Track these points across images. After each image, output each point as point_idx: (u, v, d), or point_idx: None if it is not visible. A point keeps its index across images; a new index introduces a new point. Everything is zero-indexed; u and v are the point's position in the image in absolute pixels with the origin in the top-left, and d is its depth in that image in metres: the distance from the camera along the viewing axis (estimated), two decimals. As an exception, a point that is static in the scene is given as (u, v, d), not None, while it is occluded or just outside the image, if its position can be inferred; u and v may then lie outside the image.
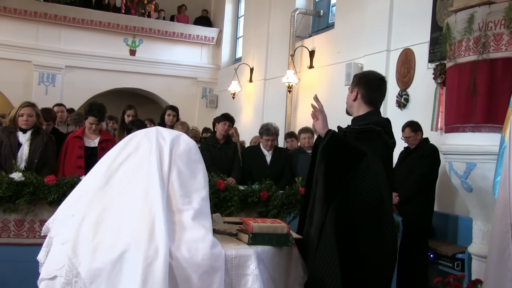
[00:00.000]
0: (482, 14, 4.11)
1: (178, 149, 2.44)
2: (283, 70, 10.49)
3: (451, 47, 4.44)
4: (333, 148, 2.88)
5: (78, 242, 2.20)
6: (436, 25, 6.56)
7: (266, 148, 6.27)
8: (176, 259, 2.14)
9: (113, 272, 2.13)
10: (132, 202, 2.26)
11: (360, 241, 2.77)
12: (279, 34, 11.14)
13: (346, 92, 8.20)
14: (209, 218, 2.32)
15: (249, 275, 2.25)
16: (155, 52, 14.11)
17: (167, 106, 6.65)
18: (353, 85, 3.34)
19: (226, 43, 14.74)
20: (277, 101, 10.88)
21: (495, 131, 4.02)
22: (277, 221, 2.54)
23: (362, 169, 2.82)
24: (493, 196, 3.91)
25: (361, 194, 2.80)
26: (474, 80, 4.15)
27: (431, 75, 6.49)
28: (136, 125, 5.83)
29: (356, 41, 8.42)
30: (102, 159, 2.49)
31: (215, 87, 14.85)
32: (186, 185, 2.35)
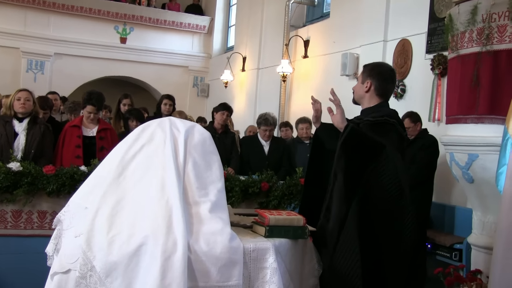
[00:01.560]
0: (486, 6, 4.10)
1: (192, 140, 2.41)
2: (277, 60, 10.45)
3: (454, 38, 4.42)
4: (353, 142, 2.86)
5: (93, 235, 2.16)
6: (434, 16, 6.55)
7: (264, 138, 6.24)
8: (194, 252, 2.12)
9: (130, 266, 2.10)
10: (148, 194, 2.22)
11: (381, 233, 2.78)
12: (273, 23, 11.08)
13: (342, 82, 8.34)
14: (226, 211, 2.30)
15: (268, 268, 2.23)
16: (146, 40, 13.98)
17: (163, 95, 6.58)
18: (364, 76, 3.32)
19: (217, 31, 14.64)
20: (270, 91, 10.84)
21: (498, 122, 4.03)
22: (293, 213, 2.52)
23: (381, 161, 2.82)
24: (495, 187, 3.94)
25: (382, 186, 2.81)
26: (477, 71, 4.15)
27: (429, 66, 6.49)
28: (133, 114, 5.79)
29: (352, 31, 8.39)
30: (115, 149, 2.45)
31: (207, 76, 14.77)
32: (202, 176, 2.32)
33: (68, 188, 4.32)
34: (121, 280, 2.10)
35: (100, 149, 4.98)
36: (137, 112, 5.85)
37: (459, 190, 5.73)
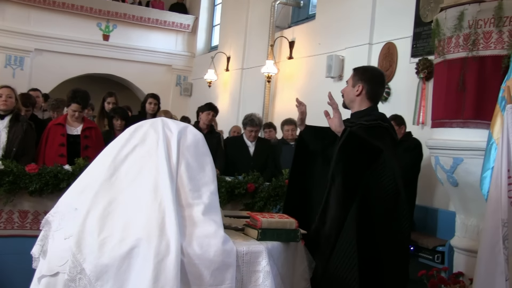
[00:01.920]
0: (472, 12, 4.16)
1: (185, 141, 2.39)
2: (261, 60, 10.45)
3: (440, 43, 4.47)
4: (352, 146, 2.87)
5: (83, 237, 2.13)
6: (420, 21, 6.61)
7: (249, 139, 6.23)
8: (187, 255, 2.10)
9: (122, 268, 2.08)
10: (140, 195, 2.20)
11: (380, 232, 2.81)
12: (258, 23, 11.07)
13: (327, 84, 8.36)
14: (219, 213, 2.28)
15: (261, 271, 2.22)
16: (129, 38, 13.86)
17: (148, 94, 6.54)
18: (355, 80, 3.33)
19: (201, 30, 14.59)
20: (254, 91, 10.83)
21: (483, 127, 4.09)
22: (285, 216, 2.51)
23: (379, 165, 2.83)
24: (479, 190, 3.99)
25: (380, 187, 2.84)
26: (463, 76, 4.20)
27: (414, 70, 6.54)
28: (118, 113, 5.74)
29: (337, 33, 8.42)
30: (106, 150, 2.42)
31: (190, 75, 14.71)
32: (195, 178, 2.30)
33: (51, 188, 4.27)
34: (112, 283, 2.08)
35: (85, 148, 4.92)
36: (122, 110, 5.80)
37: (442, 192, 5.79)
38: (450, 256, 5.16)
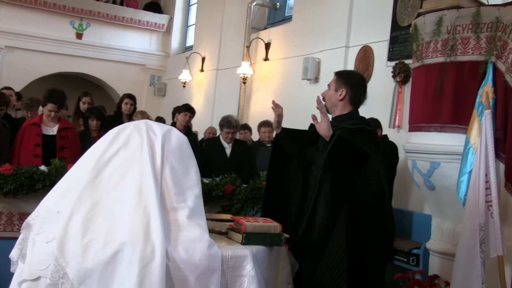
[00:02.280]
0: (451, 18, 4.20)
1: (170, 144, 2.36)
2: (236, 61, 10.43)
3: (419, 48, 4.51)
4: (340, 151, 2.87)
5: (66, 241, 2.08)
6: (396, 25, 6.68)
7: (226, 140, 6.21)
8: (173, 260, 2.07)
9: (105, 273, 2.03)
10: (125, 199, 2.16)
11: (368, 238, 2.86)
12: (234, 24, 11.06)
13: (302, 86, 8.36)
14: (204, 217, 2.26)
15: (245, 276, 2.21)
16: (103, 37, 13.70)
17: (125, 95, 6.46)
18: (338, 84, 3.34)
19: (176, 30, 14.51)
20: (229, 92, 10.81)
21: (460, 131, 4.13)
22: (268, 220, 2.50)
23: (367, 170, 2.85)
24: (455, 194, 4.05)
25: (368, 192, 2.88)
26: (441, 81, 4.24)
27: (390, 73, 6.61)
28: (94, 113, 5.66)
29: (314, 36, 8.46)
30: (88, 152, 2.37)
31: (164, 75, 14.61)
32: (179, 182, 2.27)
33: (27, 189, 4.18)
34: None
35: (61, 149, 4.84)
36: (98, 111, 5.72)
37: (418, 196, 5.85)
38: (425, 258, 5.22)
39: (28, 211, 4.17)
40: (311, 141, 3.53)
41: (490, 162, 3.62)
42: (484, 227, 3.57)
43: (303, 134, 3.57)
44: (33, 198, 4.18)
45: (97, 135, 5.60)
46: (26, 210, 4.17)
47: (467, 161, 3.95)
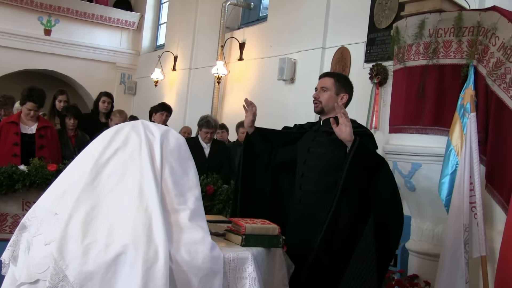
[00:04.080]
0: (433, 21, 4.26)
1: (168, 145, 2.32)
2: (210, 61, 10.38)
3: (400, 50, 4.56)
4: (362, 156, 2.91)
5: (65, 243, 2.02)
6: (374, 27, 6.74)
7: (205, 140, 6.17)
8: (176, 262, 2.03)
9: (107, 276, 1.99)
10: (125, 200, 2.11)
11: (392, 240, 3.03)
12: (207, 23, 11.00)
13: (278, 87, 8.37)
14: (204, 219, 2.23)
15: (247, 278, 2.19)
16: (72, 34, 13.46)
17: (102, 93, 6.35)
18: (338, 87, 3.42)
19: (147, 29, 14.37)
20: (202, 92, 10.75)
21: (442, 134, 4.20)
22: (266, 221, 2.49)
23: (384, 172, 2.96)
24: (436, 195, 4.11)
25: (387, 194, 2.97)
26: (423, 83, 4.30)
27: (367, 75, 6.66)
28: (71, 112, 5.56)
29: (289, 36, 8.48)
30: (86, 153, 2.31)
31: (134, 73, 14.45)
32: (179, 183, 2.24)
33: (6, 189, 4.07)
34: (96, 291, 1.99)
35: (40, 148, 4.73)
36: (75, 109, 5.62)
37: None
38: (403, 258, 5.28)
39: (6, 212, 4.08)
40: (282, 142, 3.54)
41: (475, 165, 3.69)
42: (468, 228, 3.64)
43: (275, 134, 3.58)
44: (11, 199, 4.09)
45: (74, 134, 5.50)
46: (5, 211, 4.07)
47: (448, 163, 4.02)
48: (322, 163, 3.26)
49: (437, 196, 4.07)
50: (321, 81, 3.48)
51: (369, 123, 6.52)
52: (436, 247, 4.23)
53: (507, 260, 3.24)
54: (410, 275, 4.58)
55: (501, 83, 3.86)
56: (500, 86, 3.87)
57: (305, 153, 3.37)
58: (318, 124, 3.49)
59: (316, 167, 3.27)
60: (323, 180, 3.23)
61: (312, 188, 3.27)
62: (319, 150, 3.31)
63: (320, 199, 3.19)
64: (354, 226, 2.85)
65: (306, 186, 3.29)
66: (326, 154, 3.26)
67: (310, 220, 3.22)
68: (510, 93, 3.80)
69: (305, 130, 3.53)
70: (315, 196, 3.24)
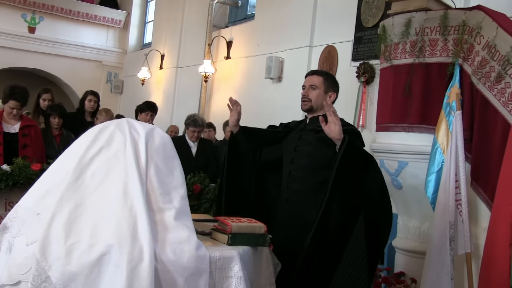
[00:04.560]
0: (420, 20, 4.27)
1: (153, 143, 2.30)
2: (197, 59, 10.35)
3: (387, 49, 4.57)
4: (352, 154, 2.91)
5: (48, 243, 1.99)
6: (361, 25, 6.75)
7: (192, 139, 6.14)
8: (161, 262, 2.01)
9: (91, 276, 1.96)
10: (109, 199, 2.09)
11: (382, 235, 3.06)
12: (194, 22, 10.97)
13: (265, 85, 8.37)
14: (190, 218, 2.21)
15: (233, 277, 2.17)
16: (57, 32, 13.34)
17: (88, 91, 6.30)
18: (327, 86, 3.43)
19: (134, 27, 14.30)
20: (190, 91, 10.72)
21: (428, 132, 4.21)
22: (253, 220, 2.48)
23: (373, 170, 2.98)
24: (422, 193, 4.13)
25: (375, 191, 2.99)
26: (410, 82, 4.31)
27: (354, 73, 6.68)
28: (56, 110, 5.50)
29: (277, 35, 8.47)
30: (69, 151, 2.28)
31: (121, 72, 14.37)
32: (164, 182, 2.22)
33: (-11, 189, 4.02)
34: (80, 292, 1.96)
35: (23, 147, 4.66)
36: (60, 108, 5.56)
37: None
38: (390, 256, 5.29)
39: (-10, 212, 4.03)
40: (268, 141, 3.53)
41: (460, 162, 3.71)
42: (453, 225, 3.66)
43: (260, 133, 3.57)
44: (-6, 199, 4.04)
45: (59, 133, 5.45)
46: (-12, 211, 4.02)
47: (434, 161, 4.04)
48: (309, 161, 3.25)
49: (424, 194, 4.08)
50: (309, 79, 3.46)
51: (356, 121, 6.53)
52: (423, 244, 4.24)
53: (491, 257, 3.26)
54: (397, 273, 4.59)
55: (486, 82, 3.88)
56: (485, 84, 3.89)
57: (292, 152, 3.36)
58: (305, 122, 3.48)
59: (304, 165, 3.26)
60: (311, 179, 3.22)
61: (299, 187, 3.26)
62: (306, 148, 3.30)
63: (308, 198, 3.18)
64: (344, 224, 2.84)
65: (294, 185, 3.27)
66: (313, 152, 3.25)
67: (297, 219, 3.21)
68: (494, 91, 3.82)
69: (291, 129, 3.52)
70: (302, 195, 3.23)
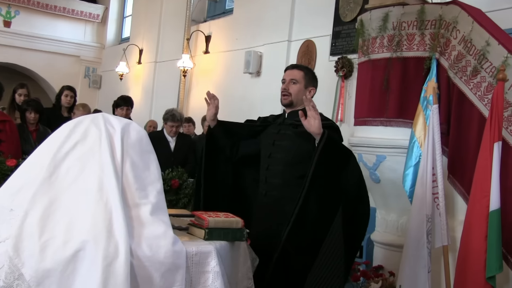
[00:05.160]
0: (397, 14, 4.29)
1: (129, 138, 2.27)
2: (176, 54, 10.29)
3: (365, 43, 4.58)
4: (331, 149, 2.91)
5: (21, 240, 1.96)
6: (339, 20, 6.77)
7: (170, 134, 6.12)
8: (137, 257, 1.99)
9: (66, 273, 1.93)
10: (84, 195, 2.06)
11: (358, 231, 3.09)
12: (173, 16, 10.89)
13: (244, 80, 8.37)
14: (166, 213, 2.20)
15: (210, 272, 2.16)
16: (34, 26, 13.15)
17: (64, 86, 6.23)
18: (307, 81, 3.42)
19: (112, 21, 14.16)
20: (169, 85, 10.66)
21: (406, 126, 4.24)
22: (230, 215, 2.47)
23: (351, 164, 2.99)
24: (400, 187, 4.16)
25: (355, 187, 3.01)
26: (387, 76, 4.33)
27: (332, 68, 6.69)
28: (32, 106, 5.43)
29: (255, 29, 8.46)
30: (43, 147, 2.24)
31: (99, 66, 14.22)
32: (140, 177, 2.20)
33: (-36, 186, 3.93)
34: (54, 289, 1.93)
35: (-2, 143, 4.59)
36: (36, 103, 5.48)
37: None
38: (369, 250, 5.33)
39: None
40: (245, 135, 3.52)
41: (437, 156, 3.74)
42: (431, 218, 3.69)
43: (237, 128, 3.56)
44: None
45: (36, 128, 5.37)
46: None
47: (412, 154, 4.07)
48: (288, 156, 3.25)
49: (402, 187, 4.11)
50: (290, 72, 3.43)
51: (335, 115, 6.56)
52: (401, 238, 4.27)
53: (467, 249, 3.30)
54: (375, 266, 4.62)
55: (462, 76, 3.92)
56: (461, 78, 3.93)
57: (270, 146, 3.36)
58: (283, 116, 3.47)
59: (282, 160, 3.26)
60: (289, 173, 3.22)
61: (278, 181, 3.26)
62: (285, 143, 3.29)
63: (286, 192, 3.19)
64: (322, 218, 2.85)
65: (272, 179, 3.27)
66: (292, 146, 3.25)
67: (276, 213, 3.21)
68: (470, 85, 3.86)
69: (269, 123, 3.51)
70: (281, 189, 3.23)
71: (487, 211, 3.19)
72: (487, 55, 3.77)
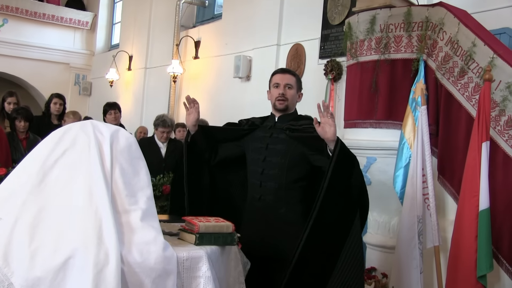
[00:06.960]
0: (384, 17, 4.32)
1: (118, 144, 2.26)
2: (166, 60, 10.29)
3: (353, 46, 4.61)
4: (344, 155, 2.92)
5: (11, 249, 1.95)
6: (327, 23, 6.79)
7: (161, 140, 6.12)
8: (128, 264, 1.99)
9: (56, 281, 1.93)
10: (74, 202, 2.05)
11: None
12: (162, 22, 10.90)
13: (234, 84, 8.39)
14: (157, 219, 2.19)
15: (201, 277, 2.16)
16: (23, 34, 13.10)
17: (53, 94, 6.22)
18: (298, 86, 3.46)
19: (101, 28, 14.14)
20: (159, 91, 10.65)
21: (395, 127, 4.27)
22: (220, 219, 2.47)
23: (356, 168, 3.03)
24: (391, 189, 4.17)
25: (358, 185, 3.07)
26: (376, 78, 4.36)
27: (322, 71, 6.71)
28: (21, 114, 5.42)
29: (245, 34, 8.47)
30: (32, 154, 2.23)
31: (89, 74, 14.19)
32: (130, 183, 2.19)
33: (-48, 195, 3.91)
34: (45, 297, 1.93)
35: (-13, 151, 4.58)
36: (26, 111, 5.47)
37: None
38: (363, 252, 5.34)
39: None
40: (227, 138, 3.52)
41: (426, 157, 3.76)
42: (421, 219, 3.71)
43: (216, 132, 3.56)
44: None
45: (25, 137, 5.36)
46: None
47: (402, 155, 4.09)
48: (283, 159, 3.24)
49: (392, 189, 4.12)
50: (283, 77, 3.40)
51: (325, 118, 6.55)
52: (393, 239, 4.29)
53: (458, 249, 3.31)
54: (368, 268, 4.63)
55: (450, 77, 3.95)
56: (449, 79, 3.96)
57: (264, 150, 3.34)
58: (273, 120, 3.46)
59: (277, 163, 3.25)
60: (286, 176, 3.22)
61: (274, 185, 3.24)
62: (279, 146, 3.29)
63: (282, 195, 3.21)
64: (339, 223, 2.88)
65: (268, 183, 3.25)
66: (287, 150, 3.25)
67: (270, 216, 3.21)
68: (458, 86, 3.89)
69: (257, 126, 3.50)
70: (276, 193, 3.23)
71: (476, 210, 3.21)
72: (473, 55, 3.81)
